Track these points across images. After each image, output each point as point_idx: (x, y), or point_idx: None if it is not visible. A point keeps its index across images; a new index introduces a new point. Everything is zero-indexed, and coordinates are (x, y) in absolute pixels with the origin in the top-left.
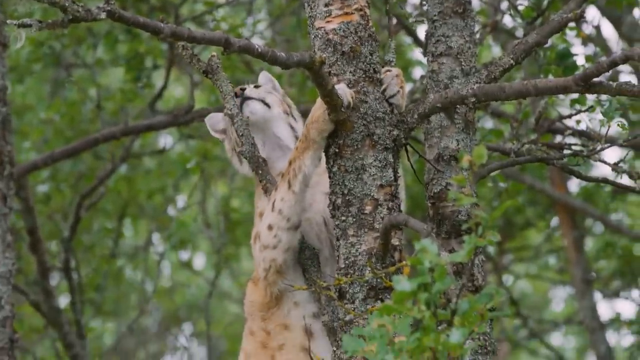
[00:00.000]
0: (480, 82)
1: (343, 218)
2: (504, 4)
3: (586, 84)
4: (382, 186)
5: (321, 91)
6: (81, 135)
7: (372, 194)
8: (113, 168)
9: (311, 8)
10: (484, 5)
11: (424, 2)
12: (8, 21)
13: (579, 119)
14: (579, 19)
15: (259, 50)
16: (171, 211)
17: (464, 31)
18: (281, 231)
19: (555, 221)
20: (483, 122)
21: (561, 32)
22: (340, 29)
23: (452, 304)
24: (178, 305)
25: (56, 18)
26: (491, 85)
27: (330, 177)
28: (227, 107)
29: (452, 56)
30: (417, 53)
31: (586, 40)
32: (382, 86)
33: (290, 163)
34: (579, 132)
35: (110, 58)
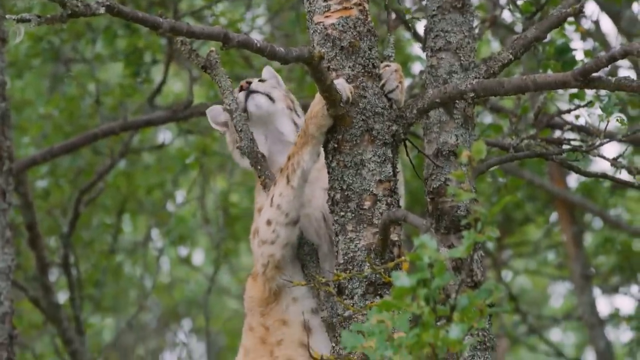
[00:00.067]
0: (479, 77)
1: (342, 213)
2: None
3: (585, 79)
4: (381, 181)
5: (320, 86)
6: (80, 130)
7: (371, 190)
8: (112, 163)
9: (310, 3)
10: (483, 0)
11: None
12: (7, 16)
13: (578, 114)
14: (578, 14)
15: (258, 45)
16: (170, 207)
17: (463, 26)
18: (280, 226)
19: (554, 216)
20: (482, 117)
21: (560, 27)
22: (339, 24)
23: (451, 300)
24: (177, 301)
25: (55, 13)
26: (490, 80)
27: (329, 173)
28: (226, 103)
29: (451, 51)
30: (416, 48)
31: (585, 35)
32: (381, 81)
33: (289, 158)
34: (578, 127)
35: (109, 53)
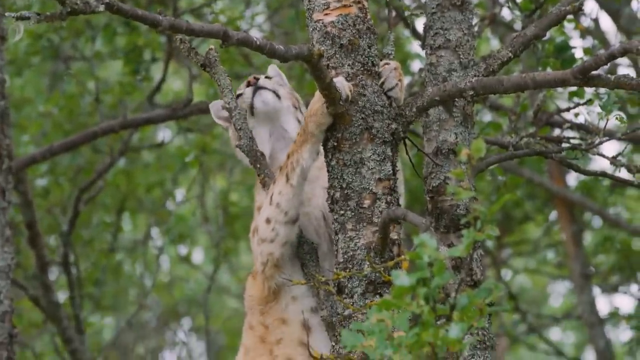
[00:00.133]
0: (478, 75)
1: (342, 212)
2: None
3: (584, 77)
4: (381, 180)
5: (319, 84)
6: (80, 128)
7: (371, 188)
8: (112, 162)
9: (309, 1)
10: None
11: None
12: (6, 14)
13: (578, 112)
14: (578, 12)
15: (258, 43)
16: (170, 205)
17: (463, 24)
18: (279, 225)
19: (553, 215)
20: (481, 116)
21: (559, 25)
22: (338, 22)
23: (451, 299)
24: (177, 299)
25: (54, 10)
26: (489, 78)
27: (328, 171)
28: (225, 101)
29: (451, 49)
30: (416, 46)
31: (584, 32)
32: (381, 79)
33: (288, 156)
34: (578, 126)
35: (108, 51)
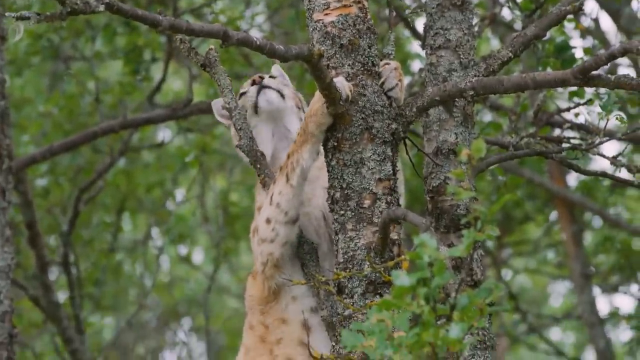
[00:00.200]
0: (478, 75)
1: (342, 212)
2: None
3: (585, 77)
4: (381, 180)
5: (319, 84)
6: (80, 128)
7: (371, 188)
8: (112, 162)
9: (309, 0)
10: None
11: None
12: (6, 14)
13: (578, 112)
14: (578, 12)
15: (258, 42)
16: (170, 205)
17: (463, 24)
18: (279, 225)
19: (554, 215)
20: (482, 116)
21: (560, 25)
22: (338, 22)
23: (451, 299)
24: (177, 299)
25: (54, 10)
26: (490, 78)
27: (328, 171)
28: (225, 101)
29: (451, 49)
30: (416, 46)
31: (585, 32)
32: (381, 79)
33: (288, 157)
34: (578, 126)
35: (108, 51)
